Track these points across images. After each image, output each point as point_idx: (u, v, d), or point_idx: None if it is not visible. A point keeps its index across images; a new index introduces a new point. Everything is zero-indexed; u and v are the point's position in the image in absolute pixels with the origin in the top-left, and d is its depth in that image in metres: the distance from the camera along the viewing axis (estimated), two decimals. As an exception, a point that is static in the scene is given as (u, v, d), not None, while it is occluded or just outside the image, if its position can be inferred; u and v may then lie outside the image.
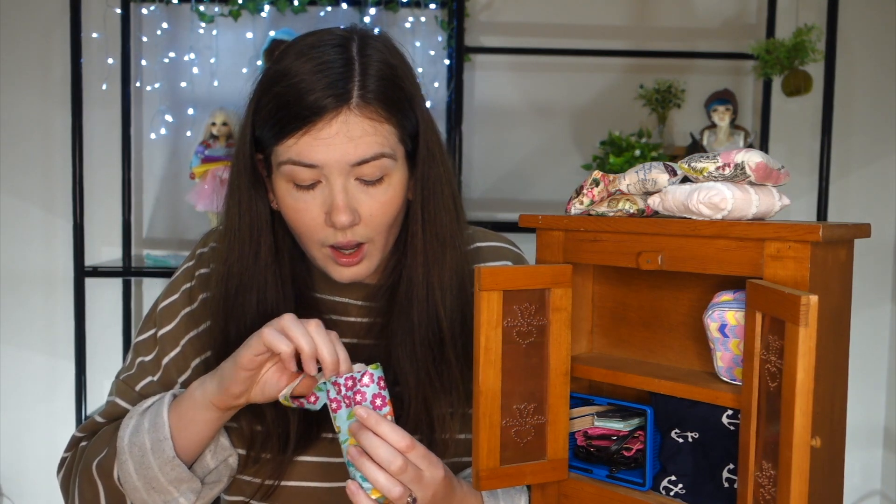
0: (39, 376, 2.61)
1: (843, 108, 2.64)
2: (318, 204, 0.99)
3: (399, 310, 1.07)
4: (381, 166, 0.99)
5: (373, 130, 0.97)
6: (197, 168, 2.38)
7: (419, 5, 2.45)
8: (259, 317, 1.03)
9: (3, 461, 2.62)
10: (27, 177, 2.57)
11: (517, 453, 0.97)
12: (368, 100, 0.97)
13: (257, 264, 1.05)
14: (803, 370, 0.74)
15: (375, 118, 0.97)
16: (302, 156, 0.97)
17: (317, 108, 0.95)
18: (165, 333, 1.12)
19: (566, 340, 0.98)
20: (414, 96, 1.02)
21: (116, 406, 1.12)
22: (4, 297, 2.59)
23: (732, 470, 0.93)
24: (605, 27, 2.67)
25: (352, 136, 0.96)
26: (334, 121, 0.95)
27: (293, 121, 0.96)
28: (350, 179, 0.99)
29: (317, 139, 0.96)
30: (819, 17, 2.50)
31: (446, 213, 1.06)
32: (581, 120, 2.67)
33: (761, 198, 0.88)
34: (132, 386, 1.11)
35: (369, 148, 0.97)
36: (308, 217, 1.00)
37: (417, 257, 1.05)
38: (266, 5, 2.40)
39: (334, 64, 0.97)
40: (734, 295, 0.89)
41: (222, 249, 1.07)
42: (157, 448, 1.00)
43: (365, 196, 1.00)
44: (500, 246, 1.19)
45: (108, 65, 2.50)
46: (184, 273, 1.15)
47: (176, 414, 1.01)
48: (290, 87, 0.97)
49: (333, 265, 1.04)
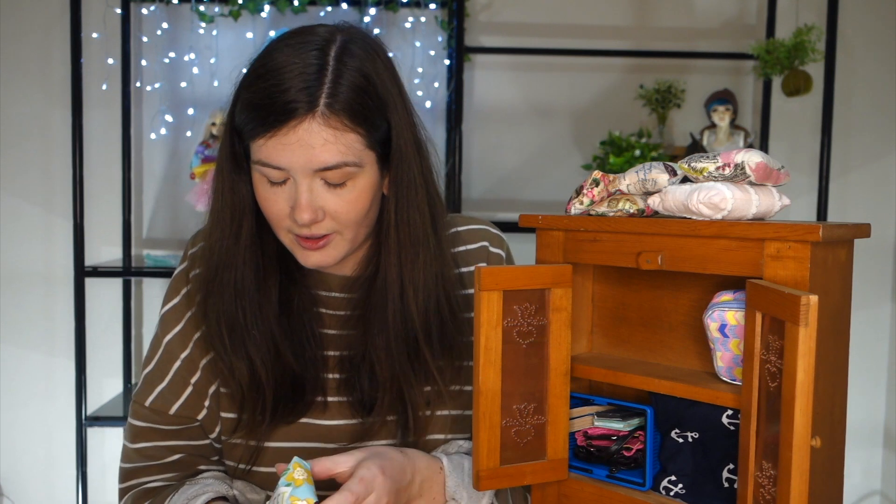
0: (39, 376, 2.61)
1: (843, 108, 2.64)
2: (286, 198, 1.03)
3: (375, 303, 1.10)
4: (344, 173, 1.01)
5: (334, 139, 0.99)
6: (197, 168, 2.38)
7: (419, 5, 2.45)
8: (235, 295, 1.07)
9: (3, 461, 2.62)
10: (27, 177, 2.57)
11: (517, 453, 0.97)
12: (335, 110, 0.98)
13: (238, 245, 1.08)
14: (803, 370, 0.74)
15: (339, 128, 0.99)
16: (270, 158, 1.00)
17: (284, 112, 0.97)
18: (173, 337, 1.12)
19: (566, 340, 0.98)
20: (388, 103, 1.03)
21: (134, 427, 1.13)
22: (4, 297, 2.59)
23: (732, 470, 0.93)
24: (605, 27, 2.67)
25: (313, 143, 0.98)
26: (298, 128, 0.98)
27: (262, 123, 0.99)
28: (315, 180, 1.01)
29: (282, 143, 0.98)
30: (819, 17, 2.50)
31: (419, 214, 1.08)
32: (581, 120, 2.67)
33: (761, 198, 0.88)
34: (142, 403, 1.12)
35: (331, 156, 0.99)
36: (276, 208, 1.04)
37: (391, 256, 1.08)
38: (266, 5, 2.40)
39: (309, 69, 0.99)
40: (734, 295, 0.89)
41: (207, 228, 1.12)
42: None
43: (331, 195, 1.02)
44: (477, 228, 1.21)
45: (108, 65, 2.50)
46: (178, 277, 1.16)
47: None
48: (265, 88, 0.99)
49: (299, 250, 1.07)
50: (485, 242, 1.20)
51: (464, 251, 1.18)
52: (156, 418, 1.11)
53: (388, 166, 1.06)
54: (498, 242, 1.21)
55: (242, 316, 1.08)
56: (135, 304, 2.62)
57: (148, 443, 1.11)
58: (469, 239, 1.20)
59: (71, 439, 2.51)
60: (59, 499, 2.63)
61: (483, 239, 1.20)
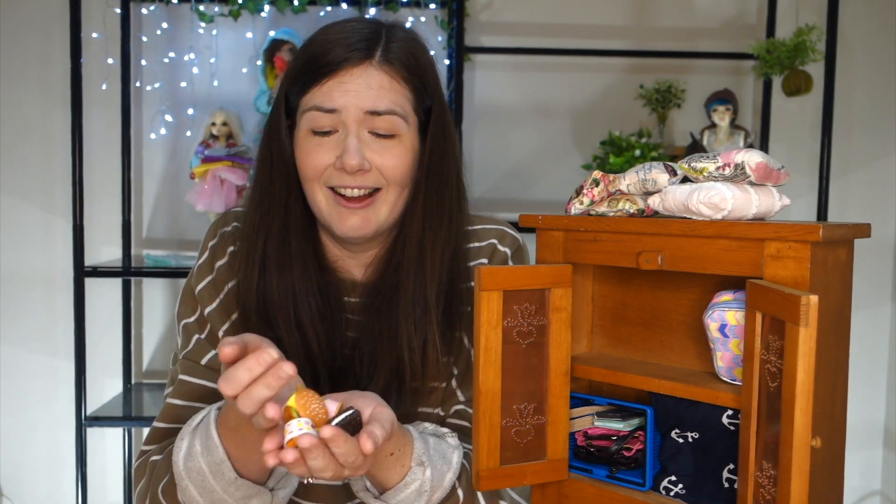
0: (39, 376, 2.61)
1: (843, 108, 2.64)
2: (332, 149, 1.07)
3: (389, 274, 1.12)
4: (392, 123, 1.06)
5: (389, 86, 1.06)
6: (197, 168, 2.38)
7: (419, 5, 2.45)
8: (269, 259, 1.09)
9: (3, 461, 2.62)
10: (27, 177, 2.57)
11: (517, 453, 0.97)
12: (390, 59, 1.07)
13: (288, 215, 1.10)
14: (803, 370, 0.74)
15: (394, 76, 1.07)
16: (324, 101, 1.05)
17: (343, 58, 1.05)
18: (212, 311, 1.13)
19: (566, 340, 0.98)
20: (431, 80, 1.12)
21: (189, 383, 1.11)
22: (4, 297, 2.59)
23: (732, 470, 0.93)
24: (605, 27, 2.67)
25: (370, 84, 1.05)
26: (356, 69, 1.06)
27: (320, 69, 1.06)
28: (364, 130, 1.06)
29: (339, 84, 1.05)
30: (819, 17, 2.50)
31: (448, 189, 1.12)
32: (581, 120, 2.67)
33: (761, 198, 0.88)
34: (197, 361, 1.12)
35: (384, 101, 1.06)
36: (318, 160, 1.07)
37: (415, 221, 1.10)
38: (266, 5, 2.40)
39: (364, 31, 1.08)
40: (734, 295, 0.89)
41: (254, 201, 1.13)
42: (217, 471, 0.96)
43: (378, 146, 1.07)
44: (491, 227, 1.22)
45: (108, 65, 2.50)
46: (211, 251, 1.17)
47: (228, 429, 0.97)
48: (322, 42, 1.08)
49: (337, 212, 1.08)
50: (494, 240, 1.20)
51: (474, 248, 1.19)
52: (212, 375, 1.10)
53: (426, 140, 1.11)
54: (509, 241, 1.21)
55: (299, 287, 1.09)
56: (135, 304, 2.62)
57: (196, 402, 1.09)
58: (481, 236, 1.21)
59: (71, 439, 2.51)
60: (59, 499, 2.63)
61: (494, 237, 1.21)
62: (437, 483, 1.02)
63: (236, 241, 1.16)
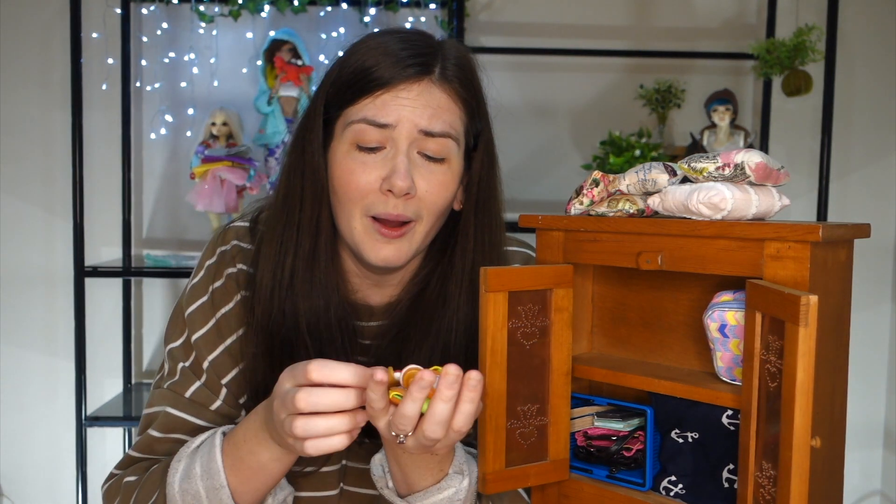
0: (39, 376, 2.61)
1: (843, 108, 2.64)
2: (377, 167, 0.99)
3: (418, 321, 1.06)
4: (446, 146, 1.01)
5: (448, 107, 1.01)
6: (197, 168, 2.38)
7: (419, 5, 2.45)
8: (318, 290, 1.03)
9: (3, 461, 2.62)
10: (27, 177, 2.57)
11: (521, 455, 0.96)
12: (449, 77, 1.01)
13: (319, 237, 1.04)
14: (803, 370, 0.74)
15: (452, 96, 1.02)
16: (377, 115, 0.98)
17: (401, 71, 0.98)
18: (200, 337, 1.08)
19: (568, 341, 0.98)
20: (483, 102, 1.07)
21: (170, 416, 1.06)
22: (4, 297, 2.59)
23: (732, 470, 0.93)
24: (605, 27, 2.67)
25: (429, 103, 0.99)
26: (416, 85, 0.99)
27: (373, 80, 0.99)
28: (413, 150, 1.00)
29: (396, 98, 0.98)
30: (819, 17, 2.50)
31: (497, 223, 1.08)
32: (581, 120, 2.67)
33: (761, 198, 0.88)
34: (181, 393, 1.06)
35: (440, 122, 1.00)
36: (363, 179, 0.99)
37: (466, 254, 1.05)
38: (266, 5, 2.39)
39: (419, 43, 1.02)
40: (734, 295, 0.89)
41: (274, 216, 1.06)
42: (214, 497, 0.95)
43: (425, 171, 1.01)
44: (518, 250, 1.18)
45: (108, 65, 2.50)
46: (207, 272, 1.11)
47: (233, 456, 0.95)
48: (375, 52, 1.00)
49: (372, 241, 1.01)
50: (517, 265, 1.17)
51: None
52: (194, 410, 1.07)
53: (469, 167, 1.06)
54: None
55: (324, 310, 1.03)
56: (135, 304, 2.61)
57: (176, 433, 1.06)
58: (508, 259, 1.16)
59: (71, 439, 2.51)
60: (59, 499, 2.63)
61: (519, 261, 1.18)
62: (470, 496, 0.99)
63: (236, 262, 1.10)
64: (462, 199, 1.08)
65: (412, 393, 0.82)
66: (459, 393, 0.84)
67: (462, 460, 0.99)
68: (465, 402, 0.84)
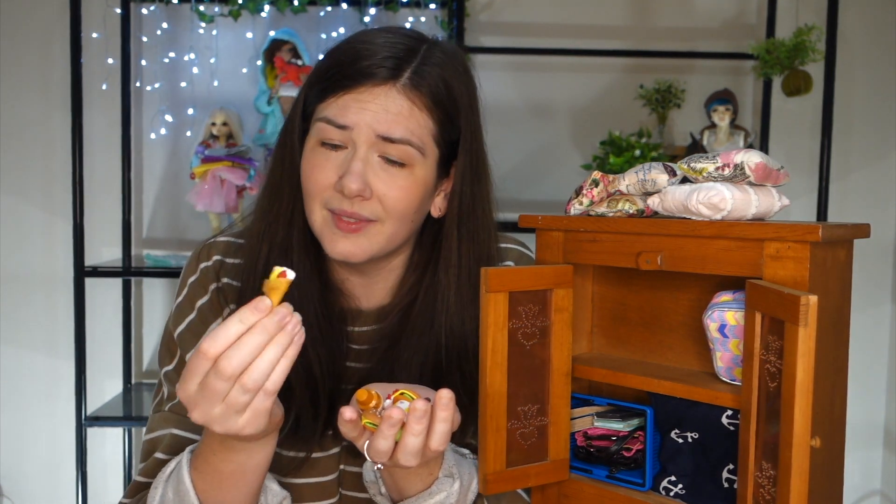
0: (39, 376, 2.61)
1: (843, 108, 2.64)
2: (336, 166, 0.99)
3: (410, 331, 1.06)
4: (405, 153, 0.99)
5: (409, 114, 0.99)
6: (197, 168, 2.38)
7: (419, 5, 2.45)
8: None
9: (3, 461, 2.62)
10: (27, 177, 2.57)
11: (521, 455, 0.96)
12: (418, 84, 0.99)
13: (292, 227, 1.04)
14: (803, 370, 0.74)
15: (417, 105, 0.99)
16: (337, 115, 0.98)
17: (367, 72, 0.98)
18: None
19: (568, 341, 0.98)
20: (463, 110, 1.05)
21: (177, 437, 1.05)
22: (4, 297, 2.59)
23: (732, 470, 0.93)
24: (605, 27, 2.67)
25: (388, 108, 0.98)
26: (376, 90, 0.98)
27: (341, 80, 0.99)
28: (374, 154, 0.99)
29: (355, 101, 0.98)
30: (819, 17, 2.50)
31: (485, 233, 1.07)
32: (581, 120, 2.67)
33: (761, 198, 0.88)
34: (184, 414, 1.03)
35: (400, 129, 0.98)
36: (322, 175, 1.00)
37: (450, 266, 1.04)
38: (266, 5, 2.39)
39: (399, 46, 1.00)
40: (734, 295, 0.89)
41: (261, 210, 1.07)
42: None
43: (385, 175, 0.99)
44: (511, 247, 1.18)
45: (108, 65, 2.50)
46: (191, 289, 1.11)
47: (208, 470, 0.93)
48: (351, 50, 1.00)
49: (330, 233, 1.01)
50: (510, 262, 1.17)
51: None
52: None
53: (447, 174, 1.05)
54: (526, 261, 1.18)
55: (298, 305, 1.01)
56: (135, 305, 2.62)
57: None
58: (504, 257, 1.16)
59: (71, 439, 2.51)
60: (59, 499, 2.63)
61: (511, 258, 1.17)
62: (462, 499, 0.99)
63: (220, 276, 1.10)
64: (443, 207, 1.07)
65: (382, 431, 0.85)
66: (432, 415, 0.86)
67: (451, 463, 0.98)
68: (438, 422, 0.86)
